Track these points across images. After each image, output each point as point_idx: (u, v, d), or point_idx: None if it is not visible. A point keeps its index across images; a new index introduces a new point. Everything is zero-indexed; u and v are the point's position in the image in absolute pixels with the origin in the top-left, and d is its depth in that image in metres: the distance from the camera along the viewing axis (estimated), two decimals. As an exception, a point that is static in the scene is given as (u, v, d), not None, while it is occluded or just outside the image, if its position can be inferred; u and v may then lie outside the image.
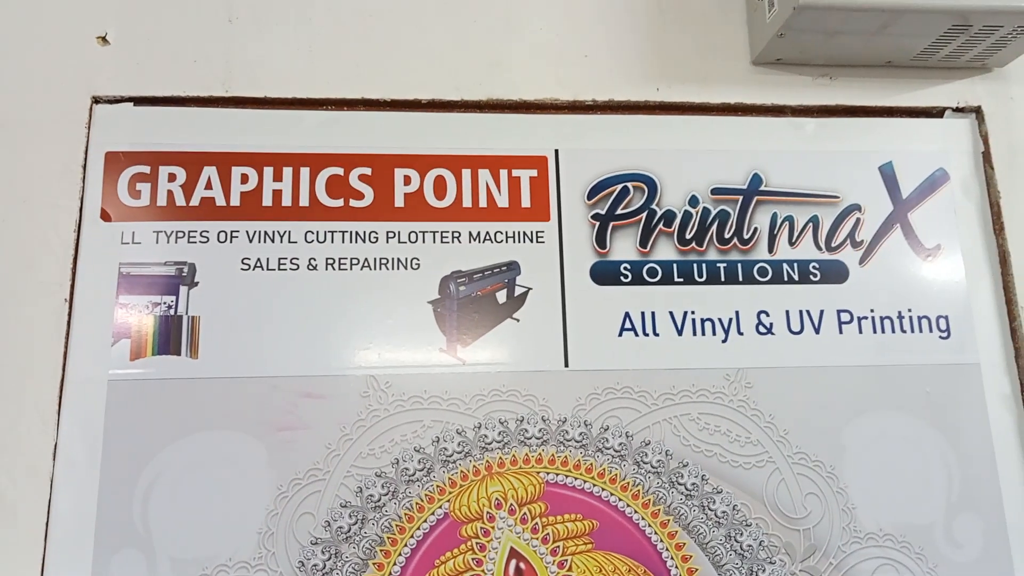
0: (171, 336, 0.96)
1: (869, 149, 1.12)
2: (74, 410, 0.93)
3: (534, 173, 1.06)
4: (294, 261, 1.00)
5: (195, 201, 1.01)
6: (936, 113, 1.15)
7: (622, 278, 1.04)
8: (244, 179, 1.02)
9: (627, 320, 1.02)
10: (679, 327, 1.03)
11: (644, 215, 1.06)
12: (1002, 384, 1.06)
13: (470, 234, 1.03)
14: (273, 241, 1.01)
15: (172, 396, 0.95)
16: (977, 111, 1.15)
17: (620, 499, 0.97)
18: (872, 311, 1.06)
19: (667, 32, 1.13)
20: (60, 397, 0.94)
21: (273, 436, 0.94)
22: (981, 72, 1.16)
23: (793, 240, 1.07)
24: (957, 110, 1.15)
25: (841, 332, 1.05)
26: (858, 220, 1.09)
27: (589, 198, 1.06)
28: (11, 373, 0.94)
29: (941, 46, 1.08)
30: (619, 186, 1.07)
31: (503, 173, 1.06)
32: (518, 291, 1.02)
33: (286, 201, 1.02)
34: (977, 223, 1.11)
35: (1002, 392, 1.05)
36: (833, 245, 1.08)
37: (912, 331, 1.06)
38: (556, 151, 1.07)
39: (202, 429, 0.94)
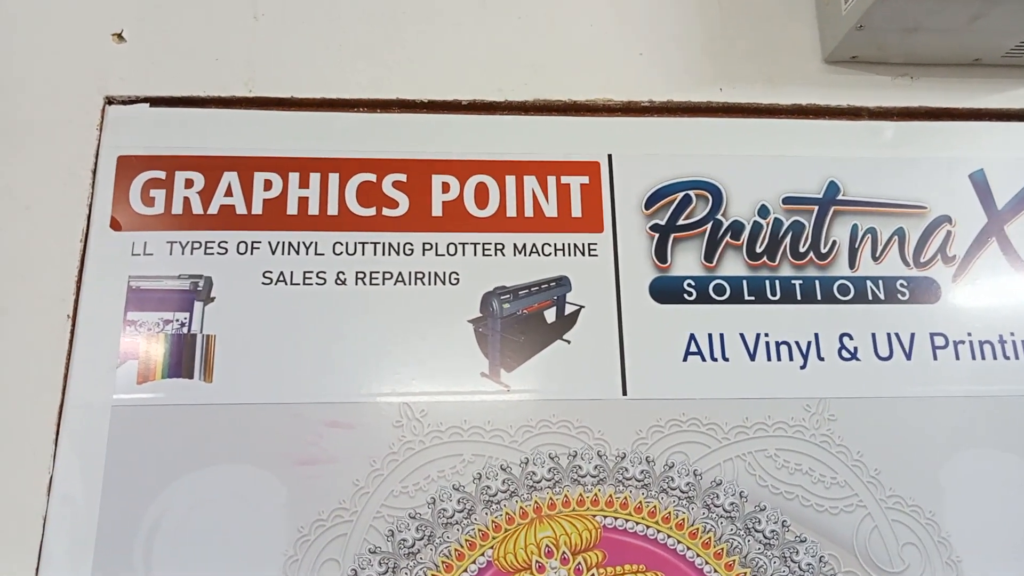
0: (183, 357, 0.86)
1: (957, 156, 1.01)
2: (72, 439, 0.83)
3: (585, 180, 0.96)
4: (321, 275, 0.90)
5: (213, 209, 0.92)
6: (1030, 116, 1.04)
7: (686, 296, 0.93)
8: (267, 185, 0.93)
9: (692, 343, 0.91)
10: (751, 351, 0.91)
11: (709, 226, 0.95)
12: (1121, 419, 0.92)
13: (515, 246, 0.93)
14: (298, 253, 0.91)
15: (182, 424, 0.84)
16: (1075, 114, 1.03)
17: (688, 547, 0.84)
18: (969, 335, 0.94)
19: (729, 27, 1.03)
20: (58, 424, 0.83)
21: (294, 471, 0.83)
22: (1078, 72, 1.05)
23: (877, 255, 0.96)
24: (1054, 112, 1.04)
25: (935, 358, 0.92)
26: (949, 233, 0.97)
27: (647, 207, 0.95)
28: (3, 397, 0.84)
29: (1036, 41, 0.98)
30: (680, 194, 0.96)
31: (551, 180, 0.96)
32: (569, 309, 0.91)
33: (313, 210, 0.93)
34: (1081, 237, 0.99)
35: (1122, 428, 0.92)
36: (922, 260, 0.96)
37: (1015, 358, 0.93)
38: (609, 156, 0.97)
39: (215, 462, 0.83)
